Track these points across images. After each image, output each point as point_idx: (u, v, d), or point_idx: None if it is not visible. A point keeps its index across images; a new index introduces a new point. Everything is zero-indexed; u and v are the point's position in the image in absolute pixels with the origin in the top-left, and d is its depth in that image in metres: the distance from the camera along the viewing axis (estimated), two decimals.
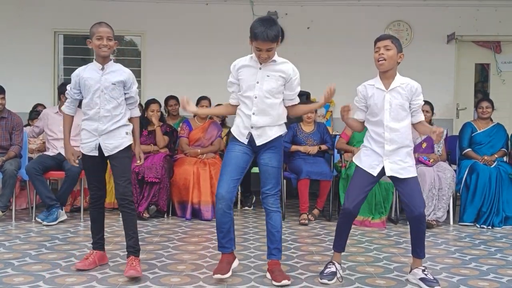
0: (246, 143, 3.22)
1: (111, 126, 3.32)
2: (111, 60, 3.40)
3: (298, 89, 3.28)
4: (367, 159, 3.23)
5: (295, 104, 3.32)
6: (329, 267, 3.27)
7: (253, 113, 3.18)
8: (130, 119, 3.47)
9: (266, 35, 3.02)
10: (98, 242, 3.51)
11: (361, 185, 3.21)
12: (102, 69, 3.33)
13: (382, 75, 3.21)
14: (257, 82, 3.17)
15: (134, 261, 3.27)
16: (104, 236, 3.59)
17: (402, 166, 3.16)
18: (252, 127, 3.19)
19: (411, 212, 3.17)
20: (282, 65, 3.20)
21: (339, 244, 3.32)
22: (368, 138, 3.27)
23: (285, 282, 3.12)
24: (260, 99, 3.16)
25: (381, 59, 3.13)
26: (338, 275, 3.22)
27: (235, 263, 3.35)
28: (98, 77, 3.31)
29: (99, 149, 3.34)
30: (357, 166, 3.27)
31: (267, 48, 3.08)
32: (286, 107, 3.29)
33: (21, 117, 5.37)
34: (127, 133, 3.39)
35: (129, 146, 3.39)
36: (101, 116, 3.31)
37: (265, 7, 7.04)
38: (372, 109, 3.23)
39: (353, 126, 3.40)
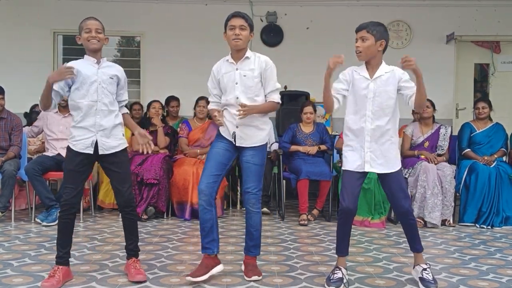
0: (234, 142, 3.28)
1: (109, 122, 3.17)
2: (103, 57, 3.26)
3: (274, 83, 3.29)
4: (351, 159, 3.15)
5: (269, 101, 3.30)
6: (336, 273, 3.16)
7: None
8: (123, 115, 3.34)
9: (238, 12, 3.26)
10: (64, 257, 3.15)
11: (352, 183, 3.13)
12: (97, 63, 3.19)
13: (367, 64, 3.15)
14: (236, 83, 3.25)
15: (137, 263, 3.26)
16: (71, 251, 3.25)
17: (383, 160, 3.10)
18: (237, 127, 3.26)
19: (396, 208, 3.20)
20: (256, 60, 3.27)
21: (343, 248, 3.22)
22: (348, 133, 3.18)
23: (255, 277, 3.20)
24: (242, 99, 3.23)
25: (357, 51, 3.09)
26: (345, 281, 3.15)
27: (218, 269, 3.24)
28: (95, 70, 3.16)
29: (94, 149, 3.15)
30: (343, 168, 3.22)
31: (240, 25, 3.20)
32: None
33: (20, 117, 5.37)
34: (123, 135, 3.30)
35: (126, 149, 3.29)
36: (98, 110, 3.14)
37: (264, 7, 7.05)
38: (354, 97, 3.14)
39: (328, 95, 3.10)
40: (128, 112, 3.47)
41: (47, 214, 4.86)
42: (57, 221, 4.72)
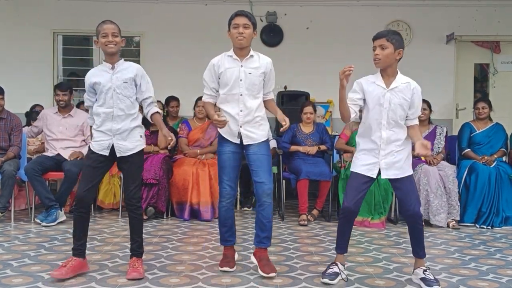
0: (238, 142, 3.34)
1: (126, 126, 3.26)
2: (121, 59, 3.33)
3: (273, 82, 3.46)
4: (362, 162, 3.18)
5: (268, 100, 3.47)
6: (332, 268, 3.23)
7: (241, 110, 3.30)
8: (152, 116, 3.37)
9: (242, 11, 3.32)
10: (79, 249, 3.28)
11: (358, 185, 3.17)
12: (112, 68, 3.27)
13: (383, 72, 3.16)
14: (240, 80, 3.29)
15: (137, 262, 3.30)
16: (87, 243, 3.36)
17: (398, 166, 3.14)
18: (241, 126, 3.31)
19: (406, 211, 3.19)
20: (261, 60, 3.35)
21: (342, 245, 3.27)
22: (362, 139, 3.22)
23: (272, 274, 3.22)
24: (245, 97, 3.29)
25: (376, 59, 3.11)
26: (343, 276, 3.19)
27: (236, 256, 3.53)
28: (109, 77, 3.24)
29: (111, 150, 3.26)
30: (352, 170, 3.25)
31: (243, 24, 3.25)
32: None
33: (20, 118, 5.36)
34: (141, 136, 3.35)
35: (142, 151, 3.36)
36: (115, 116, 3.24)
37: (264, 7, 7.05)
38: (369, 107, 3.16)
39: (344, 106, 3.13)
40: (159, 111, 3.42)
41: (46, 214, 4.85)
42: (56, 222, 4.82)
